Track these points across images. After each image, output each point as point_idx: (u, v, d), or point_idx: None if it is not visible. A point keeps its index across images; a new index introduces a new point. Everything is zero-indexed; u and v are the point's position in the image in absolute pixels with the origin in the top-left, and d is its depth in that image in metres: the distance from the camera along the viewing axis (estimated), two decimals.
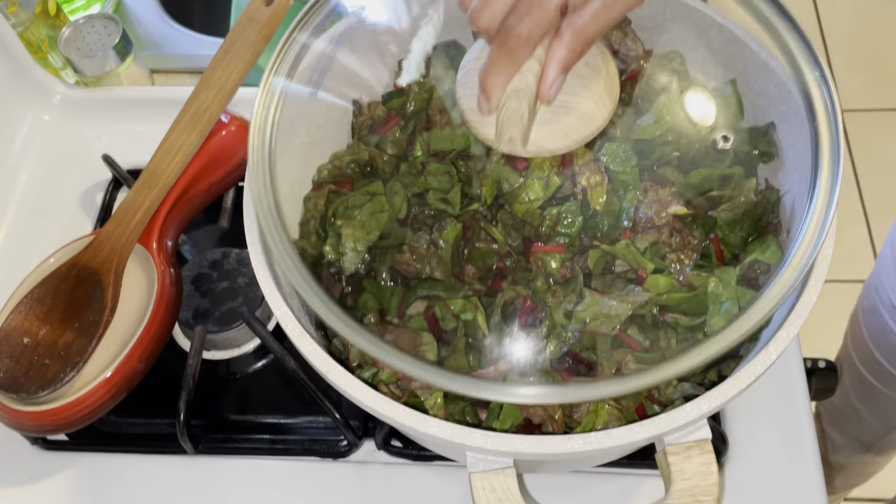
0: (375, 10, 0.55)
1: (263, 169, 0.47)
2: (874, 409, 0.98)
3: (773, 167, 0.53)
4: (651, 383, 0.41)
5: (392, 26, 0.53)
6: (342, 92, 0.54)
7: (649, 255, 0.48)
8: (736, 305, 0.47)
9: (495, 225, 0.51)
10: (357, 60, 0.53)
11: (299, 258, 0.44)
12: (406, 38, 0.54)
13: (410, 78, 0.51)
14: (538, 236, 0.50)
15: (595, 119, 0.46)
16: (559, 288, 0.48)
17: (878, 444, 1.05)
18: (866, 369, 0.93)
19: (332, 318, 0.42)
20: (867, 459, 1.11)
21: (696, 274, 0.48)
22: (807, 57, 0.48)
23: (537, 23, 0.39)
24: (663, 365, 0.40)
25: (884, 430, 1.01)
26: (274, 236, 0.45)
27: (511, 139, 0.45)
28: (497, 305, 0.48)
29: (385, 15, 0.54)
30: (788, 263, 0.42)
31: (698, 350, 0.41)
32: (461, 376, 0.42)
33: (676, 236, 0.49)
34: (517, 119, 0.44)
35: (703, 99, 0.54)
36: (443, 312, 0.48)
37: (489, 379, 0.44)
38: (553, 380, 0.48)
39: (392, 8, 0.54)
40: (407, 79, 0.51)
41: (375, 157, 0.54)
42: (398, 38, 0.55)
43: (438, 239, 0.50)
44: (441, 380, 0.41)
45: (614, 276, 0.49)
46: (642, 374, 0.41)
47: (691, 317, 0.48)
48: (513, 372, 0.47)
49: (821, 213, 0.43)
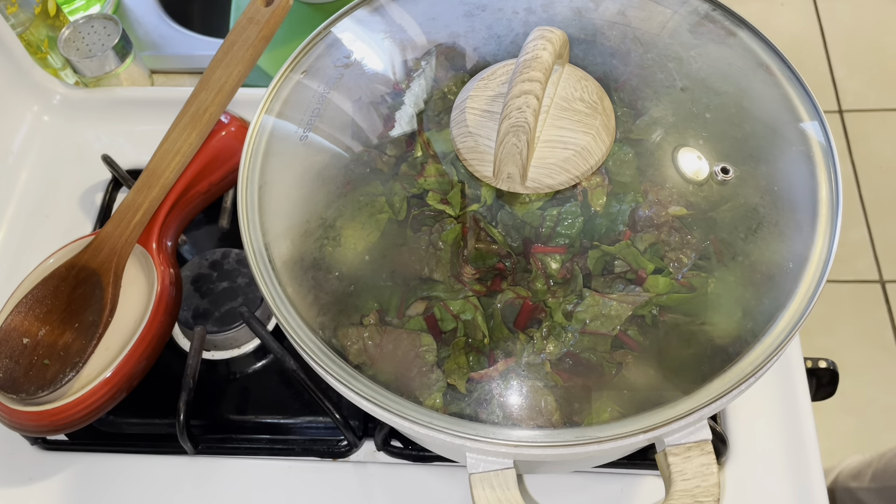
0: (370, 57, 0.56)
1: (253, 213, 0.48)
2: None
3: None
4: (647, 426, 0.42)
5: (387, 75, 0.54)
6: (336, 137, 0.55)
7: (649, 256, 0.48)
8: (738, 307, 0.47)
9: (495, 226, 0.51)
10: (351, 106, 0.54)
11: (289, 303, 0.47)
12: (400, 88, 0.55)
13: (402, 130, 0.52)
14: (538, 237, 0.50)
15: (594, 154, 0.47)
16: (559, 288, 0.48)
17: None
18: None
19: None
20: None
21: (695, 274, 0.48)
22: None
23: None
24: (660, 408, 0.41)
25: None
26: (266, 282, 0.47)
27: (510, 176, 0.46)
28: (496, 306, 0.48)
29: (380, 62, 0.55)
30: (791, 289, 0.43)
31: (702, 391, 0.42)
32: (460, 420, 0.43)
33: (676, 236, 0.49)
34: (515, 155, 0.45)
35: None
36: (442, 313, 0.48)
37: (487, 423, 0.45)
38: (553, 381, 0.48)
39: (388, 57, 0.55)
40: (399, 131, 0.52)
41: (375, 157, 0.54)
42: (392, 87, 0.56)
43: (438, 240, 0.50)
44: (437, 422, 0.43)
45: (614, 276, 0.49)
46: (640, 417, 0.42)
47: (691, 317, 0.48)
48: (512, 373, 0.47)
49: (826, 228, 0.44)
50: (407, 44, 0.56)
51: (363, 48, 0.56)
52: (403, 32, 0.56)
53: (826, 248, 0.46)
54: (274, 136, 0.53)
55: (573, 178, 0.47)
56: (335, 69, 0.55)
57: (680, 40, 0.55)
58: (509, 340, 0.47)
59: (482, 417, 0.49)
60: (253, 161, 0.51)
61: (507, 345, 0.47)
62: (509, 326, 0.47)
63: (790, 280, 0.47)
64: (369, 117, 0.53)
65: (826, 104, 1.86)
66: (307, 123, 0.54)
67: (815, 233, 0.47)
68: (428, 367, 0.50)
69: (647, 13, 0.55)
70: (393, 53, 0.56)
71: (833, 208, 0.47)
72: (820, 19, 2.00)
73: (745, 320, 0.48)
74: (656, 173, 0.49)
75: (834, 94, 1.88)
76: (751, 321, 0.48)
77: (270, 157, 0.52)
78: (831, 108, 1.86)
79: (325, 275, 0.53)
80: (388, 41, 0.56)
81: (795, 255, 0.47)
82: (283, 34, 0.78)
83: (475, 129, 0.48)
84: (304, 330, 0.46)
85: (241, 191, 0.50)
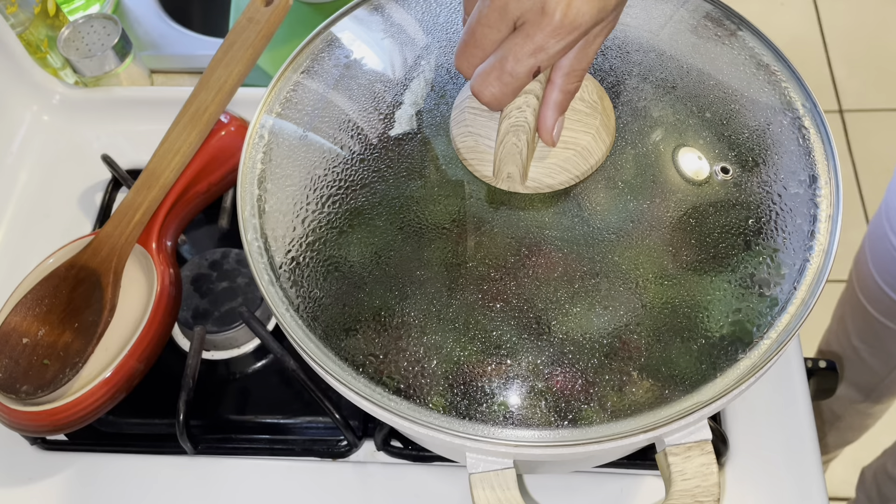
0: (370, 56, 0.55)
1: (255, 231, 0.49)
2: (877, 347, 0.97)
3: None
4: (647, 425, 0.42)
5: (387, 74, 0.54)
6: (335, 137, 0.54)
7: (649, 256, 0.48)
8: (739, 307, 0.47)
9: (494, 227, 0.51)
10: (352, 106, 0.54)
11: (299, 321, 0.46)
12: (400, 88, 0.55)
13: (402, 130, 0.52)
14: (538, 238, 0.50)
15: (594, 153, 0.47)
16: (558, 290, 0.48)
17: (877, 389, 1.05)
18: (871, 304, 0.92)
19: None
20: (863, 409, 1.10)
21: (696, 274, 0.48)
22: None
23: (503, 90, 0.42)
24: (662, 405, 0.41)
25: (884, 371, 1.00)
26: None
27: (510, 176, 0.46)
28: (496, 307, 0.48)
29: (380, 62, 0.55)
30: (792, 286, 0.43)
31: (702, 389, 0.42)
32: (460, 420, 0.43)
33: (676, 236, 0.49)
34: (515, 155, 0.45)
35: None
36: (442, 313, 0.48)
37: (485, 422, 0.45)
38: (553, 382, 0.48)
39: (387, 56, 0.55)
40: (399, 131, 0.52)
41: (375, 157, 0.54)
42: (393, 86, 0.55)
43: (437, 240, 0.50)
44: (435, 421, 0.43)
45: (614, 276, 0.49)
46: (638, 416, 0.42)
47: (691, 317, 0.47)
48: (510, 373, 0.47)
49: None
50: (406, 43, 0.56)
51: (362, 48, 0.56)
52: (403, 32, 0.56)
53: (826, 247, 0.46)
54: (273, 136, 0.53)
55: (573, 177, 0.47)
56: (335, 69, 0.55)
57: (680, 39, 0.54)
58: (507, 341, 0.47)
59: (482, 417, 0.49)
60: (252, 161, 0.51)
61: (507, 345, 0.47)
62: (509, 327, 0.47)
63: (790, 280, 0.47)
64: (368, 117, 0.53)
65: (826, 104, 1.86)
66: (306, 123, 0.53)
67: (815, 232, 0.47)
68: (428, 367, 0.50)
69: (647, 13, 0.55)
70: (392, 53, 0.56)
71: (833, 208, 0.47)
72: (820, 19, 2.00)
73: (745, 320, 0.48)
74: (656, 173, 0.49)
75: (834, 94, 1.88)
76: (751, 321, 0.48)
77: (270, 156, 0.52)
78: (831, 108, 1.86)
79: (324, 275, 0.53)
80: (388, 40, 0.56)
81: (795, 254, 0.47)
82: (283, 34, 0.78)
83: (475, 129, 0.48)
84: (304, 330, 0.46)
85: (241, 191, 0.50)
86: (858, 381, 1.06)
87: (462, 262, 0.51)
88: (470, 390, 0.48)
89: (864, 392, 1.06)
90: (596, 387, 0.49)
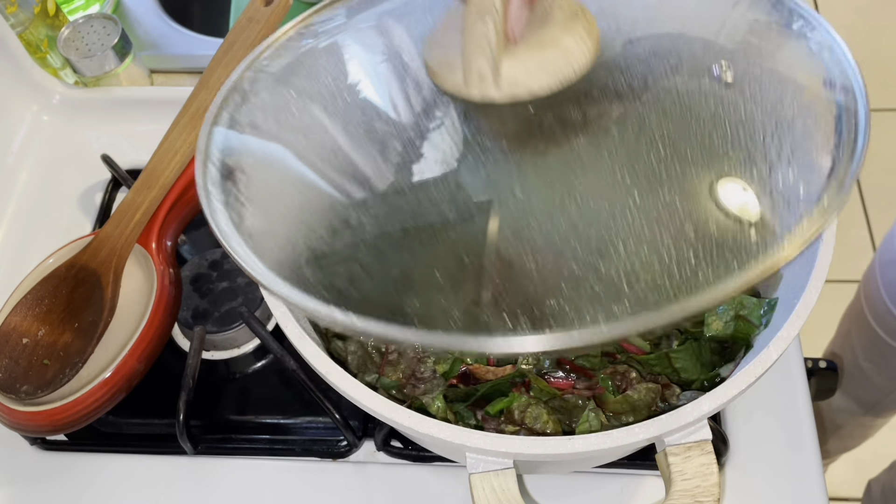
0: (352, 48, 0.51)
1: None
2: (882, 366, 0.96)
3: None
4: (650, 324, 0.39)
5: (392, 116, 0.49)
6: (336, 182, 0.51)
7: (648, 258, 0.48)
8: (739, 307, 0.47)
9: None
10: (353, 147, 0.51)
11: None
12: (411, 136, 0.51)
13: (394, 129, 0.47)
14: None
15: (577, 57, 0.42)
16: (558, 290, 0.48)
17: (880, 405, 1.04)
18: (881, 326, 0.92)
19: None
20: (866, 422, 1.10)
21: (696, 274, 0.48)
22: None
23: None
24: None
25: (888, 388, 0.99)
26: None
27: (481, 74, 0.41)
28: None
29: (365, 55, 0.50)
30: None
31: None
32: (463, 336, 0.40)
33: (676, 236, 0.48)
34: (484, 45, 0.40)
35: None
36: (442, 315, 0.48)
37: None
38: (547, 387, 0.48)
39: (374, 49, 0.51)
40: (391, 129, 0.48)
41: (372, 157, 0.54)
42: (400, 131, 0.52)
43: (437, 240, 0.49)
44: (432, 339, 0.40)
45: (614, 276, 0.49)
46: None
47: (691, 318, 0.47)
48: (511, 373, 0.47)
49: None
50: (395, 35, 0.54)
51: (345, 39, 0.54)
52: (389, 21, 0.54)
53: (826, 247, 0.46)
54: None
55: (556, 81, 0.42)
56: (312, 59, 0.53)
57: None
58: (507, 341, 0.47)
59: (482, 417, 0.49)
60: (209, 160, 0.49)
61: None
62: (510, 327, 0.47)
63: (790, 280, 0.47)
64: (355, 116, 0.52)
65: None
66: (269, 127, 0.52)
67: (815, 233, 0.47)
68: (428, 367, 0.50)
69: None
70: (378, 45, 0.54)
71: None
72: None
73: (744, 320, 0.48)
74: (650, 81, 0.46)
75: None
76: (751, 321, 0.48)
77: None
78: None
79: (324, 275, 0.52)
80: (371, 31, 0.54)
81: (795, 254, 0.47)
82: None
83: (445, 42, 0.44)
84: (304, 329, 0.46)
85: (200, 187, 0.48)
86: (861, 397, 1.05)
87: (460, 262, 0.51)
88: (470, 389, 0.48)
89: (865, 407, 1.06)
90: (595, 386, 0.49)
